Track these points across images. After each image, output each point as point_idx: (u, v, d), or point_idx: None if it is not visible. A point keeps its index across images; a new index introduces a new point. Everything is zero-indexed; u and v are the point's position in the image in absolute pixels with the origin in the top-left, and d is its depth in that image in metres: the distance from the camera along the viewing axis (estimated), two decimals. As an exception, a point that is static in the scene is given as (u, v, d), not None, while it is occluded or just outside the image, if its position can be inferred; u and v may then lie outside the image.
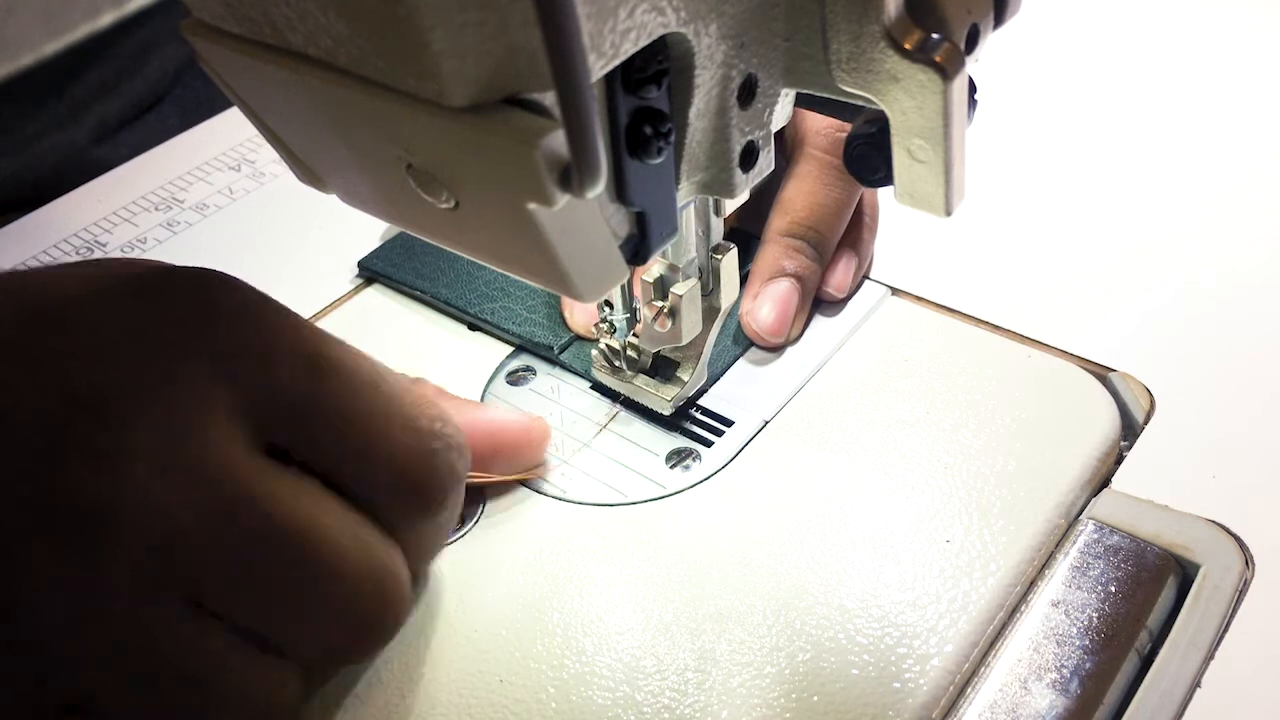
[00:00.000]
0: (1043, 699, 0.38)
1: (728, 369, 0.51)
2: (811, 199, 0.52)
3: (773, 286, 0.51)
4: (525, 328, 0.53)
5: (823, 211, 0.52)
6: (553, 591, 0.42)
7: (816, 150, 0.52)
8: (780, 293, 0.51)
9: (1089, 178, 0.61)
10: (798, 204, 0.52)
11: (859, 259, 0.54)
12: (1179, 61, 0.70)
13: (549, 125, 0.26)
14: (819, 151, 0.52)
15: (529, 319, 0.53)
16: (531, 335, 0.52)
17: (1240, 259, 0.55)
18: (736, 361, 0.51)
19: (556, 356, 0.52)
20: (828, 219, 0.52)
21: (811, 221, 0.52)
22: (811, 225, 0.52)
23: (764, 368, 0.51)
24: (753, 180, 0.37)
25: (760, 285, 0.51)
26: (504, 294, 0.55)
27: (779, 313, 0.51)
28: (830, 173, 0.52)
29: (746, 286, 0.52)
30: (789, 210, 0.52)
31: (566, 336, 0.52)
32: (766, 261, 0.52)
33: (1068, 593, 0.41)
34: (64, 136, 0.76)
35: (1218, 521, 0.43)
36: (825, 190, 0.52)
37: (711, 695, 0.38)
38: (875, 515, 0.44)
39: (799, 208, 0.52)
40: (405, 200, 0.31)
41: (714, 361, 0.51)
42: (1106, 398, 0.48)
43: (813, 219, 0.52)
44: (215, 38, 0.30)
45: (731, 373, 0.51)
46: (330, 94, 0.29)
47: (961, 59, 0.32)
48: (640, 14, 0.29)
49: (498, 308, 0.54)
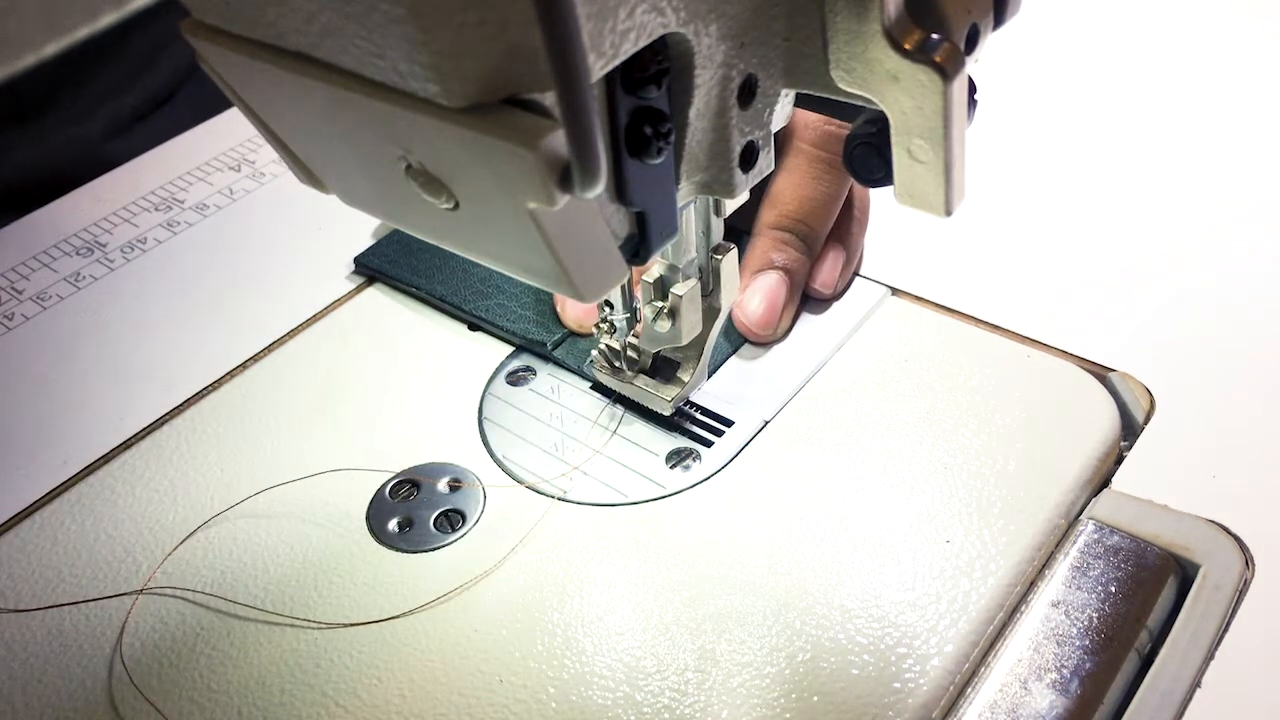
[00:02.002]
0: (1043, 699, 0.38)
1: (720, 365, 0.51)
2: (800, 192, 0.52)
3: (761, 279, 0.51)
4: (520, 324, 0.53)
5: (812, 205, 0.52)
6: (553, 591, 0.42)
7: (805, 144, 0.52)
8: (769, 285, 0.51)
9: (1089, 178, 0.61)
10: (786, 197, 0.52)
11: (847, 254, 0.54)
12: (1177, 61, 0.70)
13: (549, 125, 0.26)
14: (808, 145, 0.52)
15: (523, 316, 0.53)
16: (525, 332, 0.53)
17: (1240, 259, 0.55)
18: (730, 359, 0.51)
19: (549, 353, 0.52)
20: (817, 212, 0.52)
21: (800, 215, 0.52)
22: (800, 219, 0.52)
23: (764, 368, 0.51)
24: (752, 180, 0.37)
25: (749, 278, 0.51)
26: (499, 291, 0.55)
27: (768, 305, 0.51)
28: (819, 166, 0.52)
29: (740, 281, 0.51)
30: (778, 203, 0.52)
31: (560, 333, 0.52)
32: (755, 254, 0.52)
33: (1068, 593, 0.41)
34: (78, 131, 0.77)
35: (1218, 521, 0.43)
36: (814, 184, 0.52)
37: (711, 695, 0.38)
38: (875, 515, 0.44)
39: (788, 201, 0.52)
40: (405, 200, 0.31)
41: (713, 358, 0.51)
42: (1106, 398, 0.48)
43: (801, 212, 0.52)
44: (215, 38, 0.30)
45: (732, 373, 0.51)
46: (330, 94, 0.29)
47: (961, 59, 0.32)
48: (640, 14, 0.29)
49: (493, 305, 0.54)
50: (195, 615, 0.43)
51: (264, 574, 0.44)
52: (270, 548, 0.45)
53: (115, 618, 0.43)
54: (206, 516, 0.46)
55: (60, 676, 0.41)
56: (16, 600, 0.44)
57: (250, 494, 0.47)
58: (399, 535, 0.45)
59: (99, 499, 0.48)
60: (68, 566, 0.45)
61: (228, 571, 0.44)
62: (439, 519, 0.45)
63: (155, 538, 0.46)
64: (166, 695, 0.40)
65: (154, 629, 0.42)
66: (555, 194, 0.27)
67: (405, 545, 0.45)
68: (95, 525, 0.47)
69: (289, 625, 0.42)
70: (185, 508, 0.47)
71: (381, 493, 0.47)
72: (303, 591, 0.43)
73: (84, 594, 0.44)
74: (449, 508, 0.46)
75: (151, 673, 0.41)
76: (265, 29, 0.29)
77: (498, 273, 0.55)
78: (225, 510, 0.46)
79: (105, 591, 0.44)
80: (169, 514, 0.47)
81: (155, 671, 0.41)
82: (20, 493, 0.48)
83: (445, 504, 0.46)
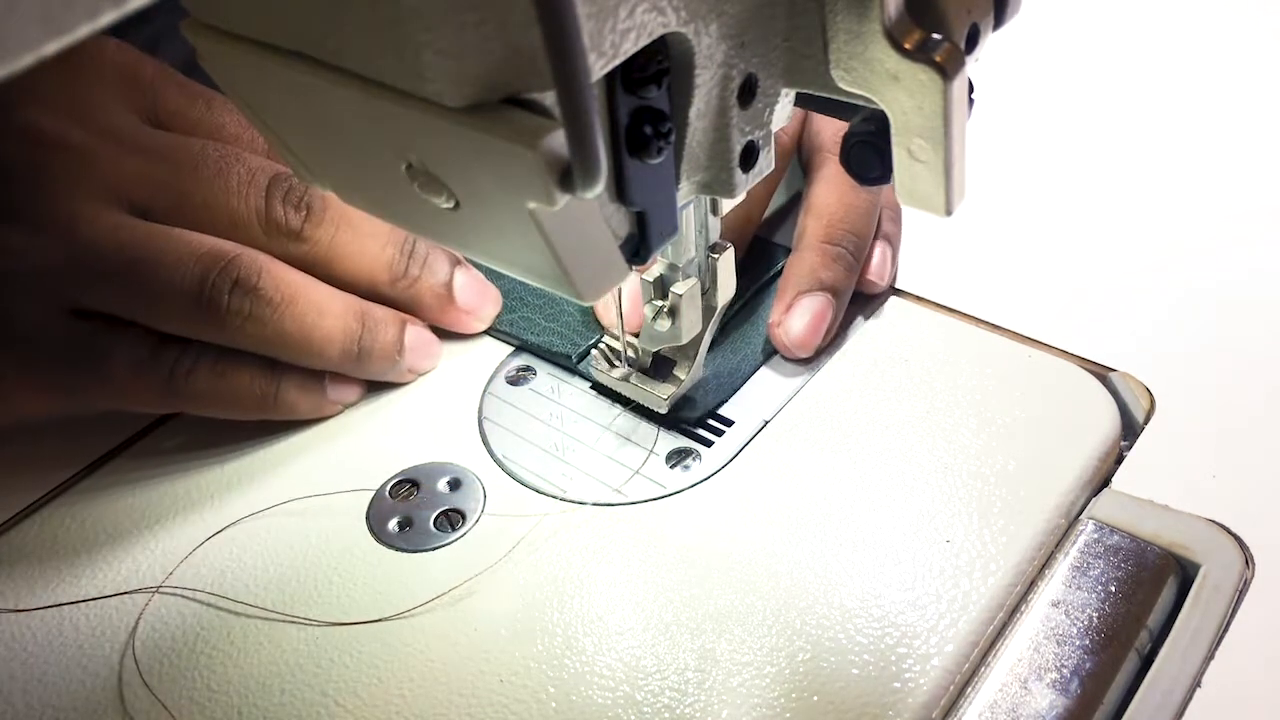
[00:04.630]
0: (1043, 699, 0.38)
1: (751, 375, 0.50)
2: (844, 200, 0.51)
3: (807, 300, 0.50)
4: (544, 337, 0.52)
5: (857, 214, 0.51)
6: (553, 591, 0.42)
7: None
8: (815, 308, 0.50)
9: (1089, 178, 0.61)
10: (832, 207, 0.51)
11: (893, 246, 0.54)
12: (1177, 61, 0.70)
13: (549, 125, 0.26)
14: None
15: (547, 328, 0.53)
16: (550, 345, 0.52)
17: (1241, 259, 0.55)
18: (760, 368, 0.51)
19: (575, 365, 0.51)
20: (863, 220, 0.51)
21: (848, 225, 0.51)
22: (849, 229, 0.51)
23: (764, 368, 0.51)
24: (752, 180, 0.37)
25: (793, 296, 0.50)
26: (522, 304, 0.54)
27: (811, 328, 0.50)
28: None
29: (778, 295, 0.51)
30: (823, 214, 0.51)
31: (584, 345, 0.52)
32: (803, 270, 0.50)
33: (1068, 593, 0.41)
34: None
35: (1218, 521, 0.43)
36: (855, 193, 0.51)
37: (711, 695, 0.38)
38: (875, 515, 0.44)
39: (834, 210, 0.51)
40: (405, 200, 0.31)
41: (736, 371, 0.50)
42: (1106, 398, 0.48)
43: (849, 222, 0.51)
44: (215, 37, 0.30)
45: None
46: (330, 94, 0.29)
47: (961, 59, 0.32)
48: (640, 14, 0.29)
49: (516, 319, 0.54)
50: (195, 615, 0.43)
51: (263, 573, 0.44)
52: (269, 547, 0.45)
53: (116, 618, 0.43)
54: (207, 516, 0.46)
55: (61, 677, 0.41)
56: (17, 600, 0.44)
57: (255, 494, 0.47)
58: (399, 535, 0.45)
59: (99, 499, 0.48)
60: (68, 566, 0.45)
61: (227, 571, 0.44)
62: (439, 519, 0.45)
63: (156, 537, 0.46)
64: (166, 695, 0.40)
65: (154, 629, 0.42)
66: (555, 194, 0.27)
67: (405, 545, 0.45)
68: (96, 525, 0.47)
69: (289, 625, 0.42)
70: (186, 507, 0.47)
71: (381, 492, 0.47)
72: (302, 591, 0.43)
73: (84, 594, 0.44)
74: (449, 507, 0.46)
75: (151, 672, 0.41)
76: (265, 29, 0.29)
77: (519, 285, 0.54)
78: (246, 517, 0.46)
79: (105, 591, 0.44)
80: (169, 514, 0.47)
81: (154, 671, 0.41)
82: (20, 492, 0.48)
83: (445, 504, 0.46)
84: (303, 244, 0.48)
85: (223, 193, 0.47)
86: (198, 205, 0.47)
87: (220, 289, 0.45)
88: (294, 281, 0.47)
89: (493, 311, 0.54)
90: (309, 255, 0.49)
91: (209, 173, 0.47)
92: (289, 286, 0.47)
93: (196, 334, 0.46)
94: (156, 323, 0.46)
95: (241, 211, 0.47)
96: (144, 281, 0.45)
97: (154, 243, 0.45)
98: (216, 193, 0.47)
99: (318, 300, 0.47)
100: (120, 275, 0.45)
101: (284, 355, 0.48)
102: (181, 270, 0.45)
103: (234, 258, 0.46)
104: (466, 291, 0.52)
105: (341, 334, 0.48)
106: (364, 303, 0.49)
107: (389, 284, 0.50)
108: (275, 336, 0.46)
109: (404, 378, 0.51)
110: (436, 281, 0.51)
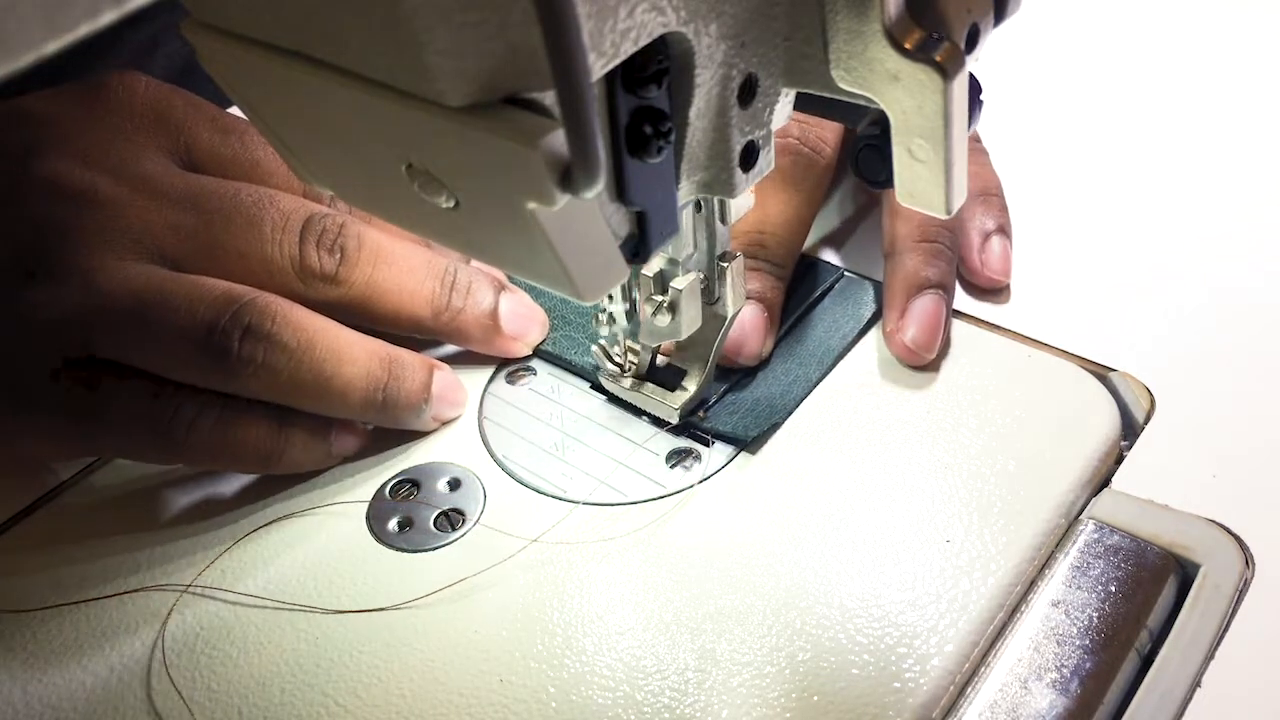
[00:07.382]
0: (1043, 699, 0.38)
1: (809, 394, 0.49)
2: None
3: (920, 302, 0.49)
4: (588, 358, 0.50)
5: None
6: (553, 591, 0.42)
7: None
8: (929, 310, 0.49)
9: (1089, 178, 0.61)
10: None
11: (1007, 235, 0.54)
12: (1177, 61, 0.69)
13: (549, 125, 0.26)
14: None
15: (587, 345, 0.51)
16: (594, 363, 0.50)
17: (1241, 259, 0.55)
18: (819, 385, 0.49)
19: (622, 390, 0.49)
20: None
21: (937, 220, 0.50)
22: (940, 223, 0.50)
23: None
24: (753, 180, 0.37)
25: (904, 300, 0.49)
26: (565, 323, 0.53)
27: (930, 330, 0.49)
28: None
29: (887, 303, 0.50)
30: (910, 214, 0.50)
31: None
32: (907, 272, 0.50)
33: (1068, 592, 0.41)
34: None
35: (1218, 521, 0.43)
36: None
37: (711, 695, 0.38)
38: (875, 515, 0.44)
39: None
40: (405, 200, 0.31)
41: (789, 390, 0.49)
42: (1106, 398, 0.48)
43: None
44: (215, 38, 0.30)
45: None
46: (330, 94, 0.29)
47: (961, 58, 0.32)
48: (640, 13, 0.29)
49: (558, 337, 0.52)
50: (194, 614, 0.43)
51: (263, 573, 0.44)
52: (269, 546, 0.45)
53: (115, 618, 0.43)
54: (206, 517, 0.46)
55: (61, 677, 0.41)
56: (17, 600, 0.44)
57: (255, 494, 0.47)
58: (399, 535, 0.45)
59: (100, 499, 0.48)
60: (68, 566, 0.45)
61: (227, 571, 0.44)
62: (439, 518, 0.45)
63: (155, 538, 0.46)
64: (165, 694, 0.40)
65: (153, 629, 0.42)
66: (555, 193, 0.27)
67: (405, 545, 0.45)
68: (96, 525, 0.47)
69: (289, 625, 0.42)
70: (185, 508, 0.47)
71: (381, 492, 0.47)
72: (302, 591, 0.43)
73: (83, 594, 0.44)
74: (449, 507, 0.46)
75: (151, 672, 0.41)
76: (265, 29, 0.29)
77: (561, 303, 0.53)
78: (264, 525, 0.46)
79: (105, 592, 0.44)
80: (168, 514, 0.47)
81: (154, 671, 0.41)
82: (20, 491, 0.48)
83: (445, 503, 0.46)
84: (339, 287, 0.47)
85: (257, 241, 0.46)
86: (232, 254, 0.46)
87: (230, 335, 0.43)
88: (312, 326, 0.45)
89: (540, 334, 0.52)
90: (346, 298, 0.47)
91: (242, 220, 0.46)
92: (306, 332, 0.44)
93: (204, 383, 0.44)
94: (163, 370, 0.44)
95: (276, 259, 0.46)
96: (152, 328, 0.43)
97: (167, 288, 0.44)
98: (251, 241, 0.46)
99: (338, 346, 0.45)
100: (131, 322, 0.43)
101: (300, 404, 0.45)
102: (190, 316, 0.43)
103: (246, 302, 0.44)
104: (513, 318, 0.51)
105: (364, 381, 0.46)
106: (392, 348, 0.47)
107: (432, 318, 0.49)
108: (290, 385, 0.44)
109: (428, 426, 0.49)
110: (481, 312, 0.50)
